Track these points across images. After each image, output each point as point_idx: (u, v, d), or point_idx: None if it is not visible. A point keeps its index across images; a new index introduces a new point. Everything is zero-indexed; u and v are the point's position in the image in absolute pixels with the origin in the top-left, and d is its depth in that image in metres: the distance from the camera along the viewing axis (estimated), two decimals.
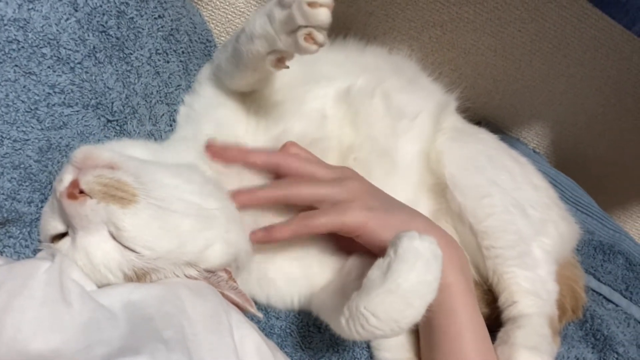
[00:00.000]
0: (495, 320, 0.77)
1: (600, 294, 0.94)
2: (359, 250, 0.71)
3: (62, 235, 0.60)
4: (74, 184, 0.57)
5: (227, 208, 0.66)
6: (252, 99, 0.77)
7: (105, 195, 0.57)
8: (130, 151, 0.65)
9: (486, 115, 1.28)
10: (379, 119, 0.82)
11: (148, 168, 0.62)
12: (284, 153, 0.72)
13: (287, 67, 0.66)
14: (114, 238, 0.57)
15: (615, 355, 0.84)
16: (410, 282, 0.54)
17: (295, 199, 0.69)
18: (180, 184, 0.63)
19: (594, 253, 0.98)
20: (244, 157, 0.71)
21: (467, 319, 0.65)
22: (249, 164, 0.71)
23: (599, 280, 0.95)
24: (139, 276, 0.58)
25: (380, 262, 0.56)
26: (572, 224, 0.87)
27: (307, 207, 0.69)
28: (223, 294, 0.62)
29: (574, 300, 0.84)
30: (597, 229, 1.04)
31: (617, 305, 0.94)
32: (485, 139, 0.91)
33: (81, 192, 0.57)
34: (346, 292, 0.60)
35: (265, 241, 0.68)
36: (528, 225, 0.80)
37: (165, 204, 0.59)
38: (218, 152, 0.71)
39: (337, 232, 0.67)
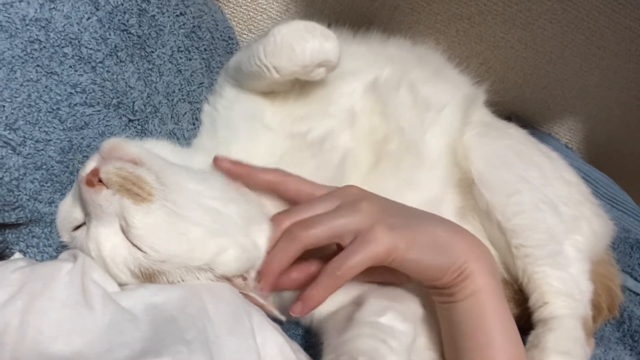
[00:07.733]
0: (526, 322, 0.75)
1: (638, 294, 0.91)
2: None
3: (80, 226, 0.61)
4: (95, 172, 0.58)
5: (249, 213, 0.65)
6: (274, 95, 0.76)
7: (121, 188, 0.57)
8: (157, 153, 0.65)
9: (516, 109, 1.25)
10: (407, 111, 0.80)
11: (173, 170, 0.62)
12: (281, 174, 0.68)
13: None
14: (124, 233, 0.57)
15: None
16: None
17: (315, 244, 0.63)
18: (202, 190, 0.62)
19: (631, 251, 0.95)
20: (248, 174, 0.68)
21: (498, 324, 0.62)
22: (252, 182, 0.68)
23: (636, 279, 0.92)
24: (145, 276, 0.58)
25: None
26: (605, 221, 0.85)
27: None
28: (245, 296, 0.62)
29: (610, 298, 0.82)
30: (633, 227, 1.01)
31: None
32: (514, 134, 0.88)
33: (100, 181, 0.57)
34: (349, 325, 0.59)
35: (307, 311, 0.62)
36: (559, 222, 0.77)
37: (180, 208, 0.59)
38: (226, 167, 0.68)
39: (372, 266, 0.61)
